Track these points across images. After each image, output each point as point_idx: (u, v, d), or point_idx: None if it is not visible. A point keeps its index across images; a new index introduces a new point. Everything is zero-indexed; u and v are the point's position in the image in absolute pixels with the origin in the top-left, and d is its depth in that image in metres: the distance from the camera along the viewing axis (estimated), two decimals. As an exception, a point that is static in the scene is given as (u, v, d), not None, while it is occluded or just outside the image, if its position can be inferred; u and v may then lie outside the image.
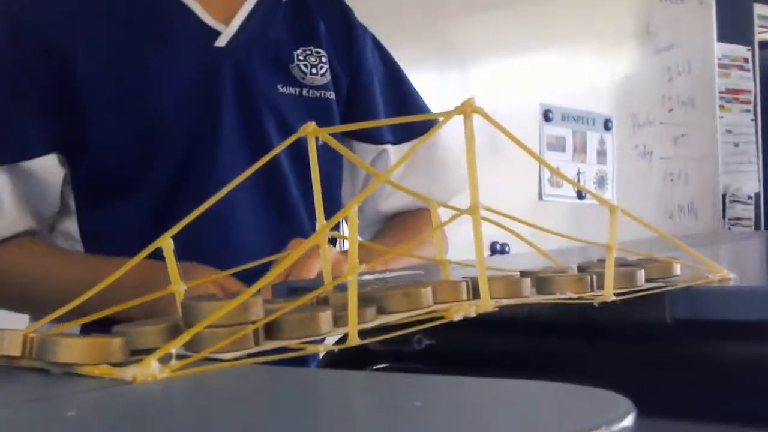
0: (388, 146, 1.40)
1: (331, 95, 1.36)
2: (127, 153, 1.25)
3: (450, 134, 0.73)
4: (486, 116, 0.61)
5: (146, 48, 1.28)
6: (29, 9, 1.27)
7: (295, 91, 1.33)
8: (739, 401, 0.76)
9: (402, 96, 1.47)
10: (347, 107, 1.40)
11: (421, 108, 1.47)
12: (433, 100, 1.56)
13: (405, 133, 1.43)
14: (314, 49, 1.36)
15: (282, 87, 1.33)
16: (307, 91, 1.34)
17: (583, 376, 0.82)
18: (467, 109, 0.59)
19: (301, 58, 1.35)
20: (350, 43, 1.42)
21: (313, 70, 1.35)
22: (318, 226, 0.64)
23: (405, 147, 1.41)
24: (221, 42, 1.30)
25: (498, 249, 3.40)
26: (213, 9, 1.32)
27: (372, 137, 1.41)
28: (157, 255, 0.61)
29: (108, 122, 1.24)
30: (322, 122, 1.32)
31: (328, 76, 1.36)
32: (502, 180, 3.04)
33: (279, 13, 1.37)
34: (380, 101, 1.43)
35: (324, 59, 1.36)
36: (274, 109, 1.31)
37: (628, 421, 0.32)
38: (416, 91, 1.51)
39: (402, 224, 1.42)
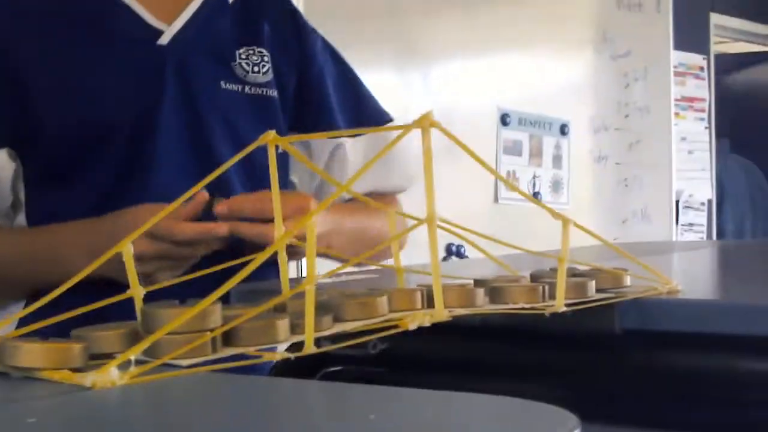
0: (345, 140, 1.42)
1: (273, 93, 1.38)
2: (71, 147, 1.28)
3: (407, 141, 0.74)
4: (443, 130, 0.62)
5: (90, 46, 1.30)
6: None
7: (238, 87, 1.34)
8: (684, 409, 0.77)
9: (355, 95, 1.49)
10: (300, 106, 1.42)
11: (375, 107, 1.50)
12: (392, 101, 1.58)
13: (360, 128, 1.46)
14: (257, 49, 1.38)
15: (225, 83, 1.34)
16: (250, 88, 1.35)
17: (533, 382, 0.84)
18: (425, 123, 0.60)
19: (243, 56, 1.36)
20: (298, 45, 1.44)
21: (255, 69, 1.36)
22: (276, 234, 0.65)
23: (361, 140, 1.44)
24: (164, 40, 1.32)
25: (454, 251, 3.42)
26: (156, 10, 1.34)
27: (329, 132, 1.43)
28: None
29: (53, 118, 1.27)
30: (264, 119, 1.35)
31: (270, 75, 1.38)
32: (459, 182, 3.06)
33: (223, 15, 1.39)
34: (334, 100, 1.45)
35: (266, 59, 1.38)
36: (216, 104, 1.33)
37: (574, 436, 0.34)
38: (369, 91, 1.53)
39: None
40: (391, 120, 1.49)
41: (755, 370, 0.72)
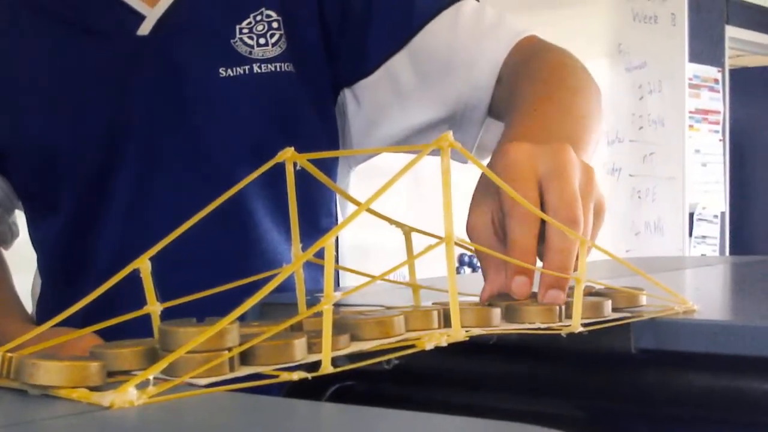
0: (393, 57, 1.13)
1: (288, 67, 1.11)
2: (28, 173, 1.14)
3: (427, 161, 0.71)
4: (462, 150, 0.62)
5: (64, 45, 1.12)
6: None
7: (244, 70, 1.10)
8: (699, 431, 0.77)
9: None
10: (338, 52, 1.15)
11: None
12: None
13: (398, 38, 1.13)
14: (265, 12, 1.12)
15: (225, 70, 1.10)
16: (258, 67, 1.10)
17: (548, 401, 0.84)
18: (444, 144, 0.60)
19: (245, 30, 1.11)
20: None
21: (261, 40, 1.10)
22: (293, 254, 0.65)
23: (409, 58, 1.13)
24: (145, 29, 1.11)
25: (466, 261, 3.42)
26: None
27: (366, 65, 1.14)
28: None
29: (4, 140, 1.14)
30: (281, 104, 1.12)
31: (284, 44, 1.12)
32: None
33: None
34: (373, 23, 1.14)
35: (276, 24, 1.12)
36: (217, 101, 1.10)
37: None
38: None
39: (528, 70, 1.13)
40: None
41: (772, 393, 0.72)
